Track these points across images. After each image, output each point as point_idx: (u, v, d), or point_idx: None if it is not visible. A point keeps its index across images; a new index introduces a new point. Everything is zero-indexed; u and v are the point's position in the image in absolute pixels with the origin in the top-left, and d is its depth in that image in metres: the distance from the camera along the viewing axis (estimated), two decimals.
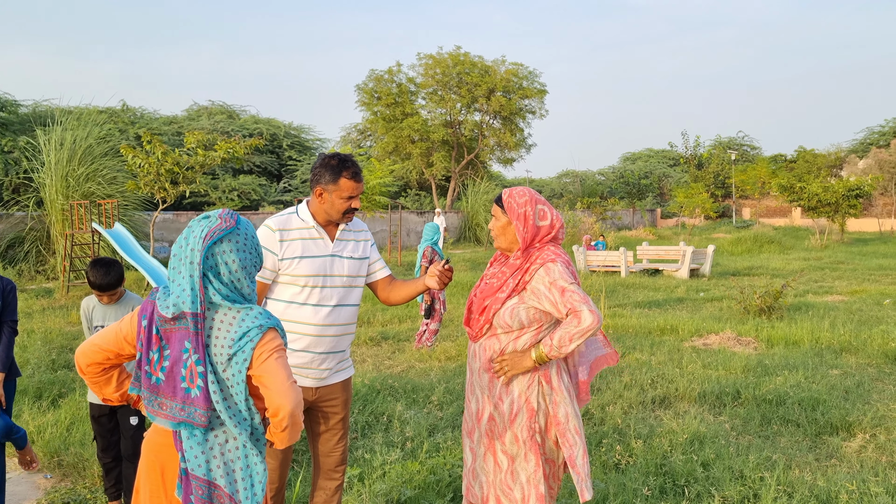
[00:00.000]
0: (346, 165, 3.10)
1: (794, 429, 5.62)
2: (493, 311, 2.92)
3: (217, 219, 2.29)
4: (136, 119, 36.31)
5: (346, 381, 3.29)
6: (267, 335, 2.21)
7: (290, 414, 2.14)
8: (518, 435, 2.89)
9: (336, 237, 3.20)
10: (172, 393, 2.22)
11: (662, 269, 18.50)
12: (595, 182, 55.39)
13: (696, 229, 38.24)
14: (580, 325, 2.76)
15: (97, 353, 2.33)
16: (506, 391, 2.92)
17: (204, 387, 2.17)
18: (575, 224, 28.49)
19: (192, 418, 2.18)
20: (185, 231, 2.29)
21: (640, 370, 7.24)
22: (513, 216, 2.96)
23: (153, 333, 2.24)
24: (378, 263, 3.37)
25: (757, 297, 11.14)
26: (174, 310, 2.19)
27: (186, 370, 2.19)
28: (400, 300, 3.32)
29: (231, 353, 2.17)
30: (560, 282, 2.82)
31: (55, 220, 17.38)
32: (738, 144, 57.52)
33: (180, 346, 2.20)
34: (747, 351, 8.52)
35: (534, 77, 35.55)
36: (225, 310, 2.21)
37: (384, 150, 36.20)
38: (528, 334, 2.92)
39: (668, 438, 5.13)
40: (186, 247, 2.25)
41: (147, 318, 2.26)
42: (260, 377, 2.18)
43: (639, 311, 12.07)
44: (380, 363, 8.07)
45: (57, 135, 17.98)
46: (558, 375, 2.96)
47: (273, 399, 2.14)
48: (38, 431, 5.21)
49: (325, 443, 3.25)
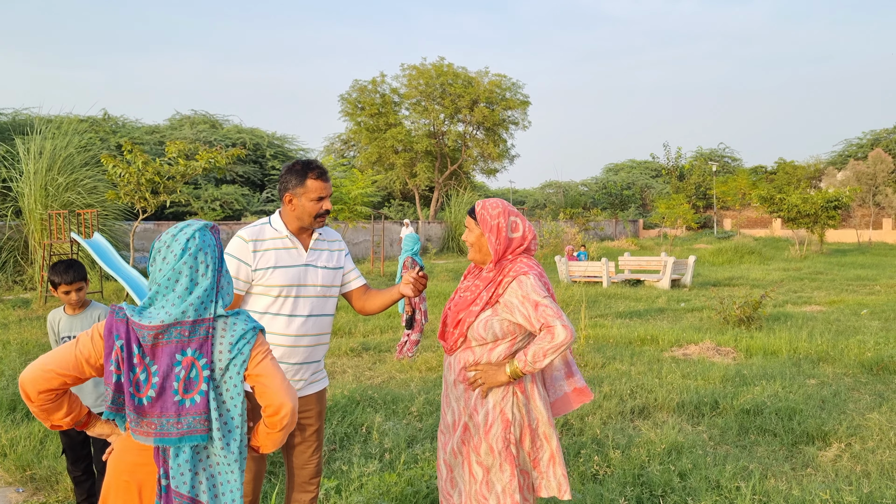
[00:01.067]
0: (310, 167, 3.11)
1: (772, 438, 5.66)
2: (468, 325, 2.92)
3: (216, 228, 2.36)
4: (118, 128, 36.08)
5: (321, 393, 3.28)
6: (260, 337, 2.29)
7: (291, 411, 2.21)
8: (493, 446, 2.89)
9: (310, 247, 3.19)
10: (161, 410, 2.16)
11: (644, 280, 18.60)
12: (578, 193, 55.65)
13: (678, 240, 38.50)
14: (553, 340, 2.77)
15: (52, 380, 2.15)
16: (481, 402, 2.92)
17: (206, 391, 2.17)
18: (557, 234, 28.59)
19: (193, 427, 2.16)
20: (197, 242, 2.25)
21: (619, 380, 7.27)
22: (485, 228, 2.97)
23: (134, 353, 2.17)
24: (353, 273, 3.37)
25: (736, 308, 11.22)
26: (183, 316, 2.17)
27: (179, 382, 2.16)
28: (375, 309, 3.31)
29: (231, 356, 2.21)
30: (533, 295, 2.83)
31: (34, 229, 17.21)
32: (720, 156, 58.06)
33: (170, 359, 2.17)
34: (726, 361, 8.58)
35: (517, 88, 35.76)
36: (223, 318, 2.26)
37: (367, 160, 36.20)
38: (503, 346, 2.93)
39: (646, 449, 5.15)
40: (206, 256, 2.25)
41: (122, 338, 2.17)
42: (258, 377, 2.23)
43: (620, 321, 12.11)
44: (360, 374, 8.04)
45: (36, 144, 17.83)
46: (533, 385, 2.97)
47: (274, 397, 2.20)
48: (11, 444, 5.15)
49: (299, 455, 3.23)
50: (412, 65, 35.87)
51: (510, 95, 35.40)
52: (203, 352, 2.18)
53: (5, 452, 5.04)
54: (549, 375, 3.17)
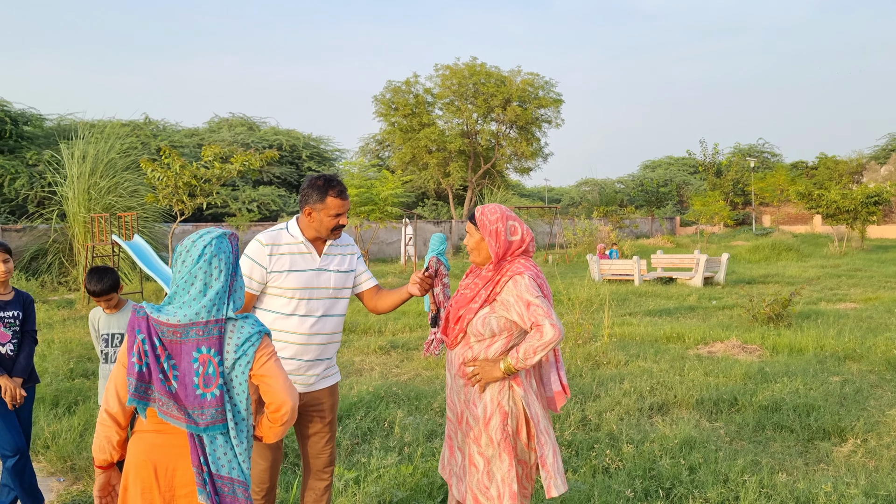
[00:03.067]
0: (331, 185, 3.30)
1: (788, 434, 5.72)
2: (467, 321, 3.10)
3: (235, 236, 2.57)
4: (159, 132, 36.87)
5: (333, 387, 3.49)
6: (265, 340, 2.49)
7: (291, 409, 2.43)
8: (493, 437, 3.06)
9: (323, 252, 3.39)
10: (189, 399, 2.40)
11: (676, 278, 18.54)
12: (614, 190, 55.33)
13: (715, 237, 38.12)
14: (542, 338, 2.94)
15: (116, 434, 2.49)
16: (479, 396, 3.10)
17: (224, 385, 2.41)
18: (591, 233, 28.54)
19: (215, 419, 2.40)
20: (213, 248, 2.47)
21: (640, 377, 7.36)
22: (485, 232, 3.14)
23: (156, 345, 2.41)
24: (364, 275, 3.57)
25: (765, 305, 11.19)
26: (197, 317, 2.40)
27: (200, 377, 2.40)
28: (386, 308, 3.51)
29: (236, 357, 2.42)
30: (526, 295, 3.00)
31: (77, 232, 17.79)
32: (759, 151, 57.22)
33: (189, 357, 2.40)
34: (751, 358, 8.60)
35: (549, 87, 35.75)
36: (233, 321, 2.47)
37: (402, 160, 36.51)
38: (500, 342, 3.10)
39: (659, 443, 5.26)
40: (220, 262, 2.47)
41: (144, 332, 2.42)
42: (263, 377, 2.44)
43: (648, 319, 12.16)
44: (387, 371, 8.25)
45: (79, 148, 18.42)
46: (527, 380, 3.13)
47: (276, 396, 2.42)
48: (53, 437, 5.45)
49: (313, 445, 3.44)
50: (445, 65, 36.12)
51: (543, 94, 35.41)
52: (218, 349, 2.41)
53: (48, 444, 5.34)
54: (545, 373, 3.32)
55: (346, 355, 9.20)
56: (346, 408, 6.21)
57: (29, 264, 18.10)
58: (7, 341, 4.05)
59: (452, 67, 35.65)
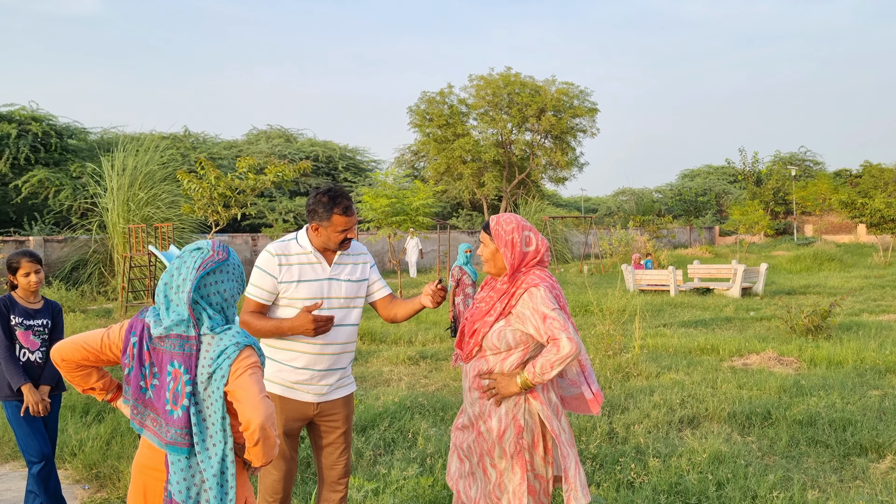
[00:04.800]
0: (336, 202, 3.27)
1: (823, 450, 5.55)
2: (482, 334, 3.05)
3: (209, 251, 2.46)
4: (199, 144, 37.47)
5: (348, 397, 3.46)
6: (243, 352, 2.34)
7: (259, 427, 2.23)
8: (506, 449, 3.01)
9: (334, 262, 3.38)
10: (161, 412, 2.35)
11: (713, 288, 18.22)
12: (652, 200, 54.74)
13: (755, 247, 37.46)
14: (559, 352, 2.87)
15: (76, 351, 2.45)
16: (493, 409, 3.05)
17: (188, 406, 2.30)
18: (627, 243, 28.24)
19: (176, 439, 2.31)
20: (177, 261, 2.44)
21: (671, 390, 7.22)
22: (500, 243, 3.09)
23: (144, 350, 2.39)
24: (378, 284, 3.54)
25: (804, 317, 10.93)
26: (165, 331, 2.35)
27: (170, 392, 2.33)
28: (401, 318, 3.49)
29: (210, 371, 2.31)
30: (542, 308, 2.94)
31: (117, 242, 18.13)
32: (800, 160, 56.16)
33: (165, 368, 2.35)
34: (787, 371, 8.39)
35: (585, 96, 35.53)
36: (209, 336, 2.36)
37: (436, 170, 36.57)
38: (516, 355, 3.04)
39: (687, 458, 5.14)
40: (178, 276, 2.41)
41: (137, 336, 2.41)
42: (234, 392, 2.29)
43: (682, 330, 11.96)
44: (415, 382, 8.22)
45: (119, 161, 18.79)
46: (545, 393, 3.07)
47: (245, 412, 2.25)
48: (80, 445, 5.52)
49: (327, 456, 3.41)
50: (480, 75, 36.13)
51: (578, 103, 35.21)
52: (188, 367, 2.32)
53: (74, 452, 5.41)
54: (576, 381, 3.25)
55: (374, 365, 9.20)
56: (371, 418, 6.19)
57: (70, 274, 18.48)
58: (36, 349, 4.12)
59: (487, 78, 35.66)
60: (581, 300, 14.44)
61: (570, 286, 19.61)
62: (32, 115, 26.27)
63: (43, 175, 23.57)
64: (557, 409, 3.10)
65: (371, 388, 7.84)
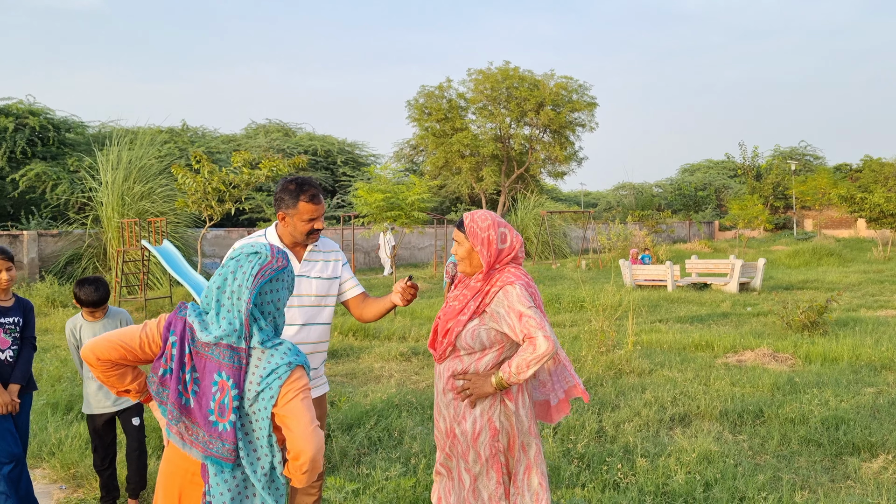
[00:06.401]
0: (303, 189, 3.20)
1: (815, 449, 5.47)
2: (455, 333, 2.96)
3: (268, 256, 2.29)
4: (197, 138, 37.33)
5: (320, 398, 3.38)
6: (295, 373, 2.21)
7: (311, 459, 2.13)
8: (481, 453, 2.92)
9: (304, 258, 3.29)
10: (203, 422, 2.21)
11: (711, 284, 18.12)
12: (651, 194, 54.58)
13: (754, 241, 37.35)
14: (535, 351, 2.78)
15: (113, 350, 2.30)
16: (468, 411, 2.96)
17: (235, 422, 2.18)
18: (625, 237, 28.13)
19: (221, 454, 2.18)
20: (232, 264, 2.27)
21: (663, 387, 7.13)
22: (475, 241, 2.99)
23: (185, 352, 2.25)
24: (350, 282, 3.45)
25: (800, 312, 10.83)
26: (215, 340, 2.20)
27: (215, 403, 2.19)
28: (371, 317, 3.40)
29: (259, 389, 2.18)
30: (517, 306, 2.85)
31: (111, 237, 18.03)
32: (800, 154, 55.95)
33: (210, 377, 2.21)
34: (781, 368, 8.31)
35: (584, 90, 35.37)
36: (259, 351, 2.23)
37: (434, 165, 36.44)
38: (490, 355, 2.95)
39: (675, 457, 5.06)
40: (234, 282, 2.24)
41: (177, 335, 2.26)
42: (284, 417, 2.17)
43: (678, 326, 11.88)
44: (406, 378, 8.14)
45: (114, 154, 18.68)
46: (520, 395, 2.98)
47: (296, 443, 2.14)
48: (59, 444, 5.44)
49: None
50: (478, 69, 35.94)
51: (577, 97, 35.05)
52: (236, 381, 2.19)
53: (53, 451, 5.33)
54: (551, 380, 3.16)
55: (365, 361, 9.12)
56: (357, 416, 6.10)
57: (64, 269, 18.38)
58: (7, 347, 4.04)
59: (485, 72, 35.48)
60: (576, 295, 14.35)
61: (567, 281, 19.51)
62: (30, 109, 26.14)
63: (40, 169, 23.45)
64: (530, 412, 3.01)
65: (360, 385, 7.76)
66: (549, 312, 13.95)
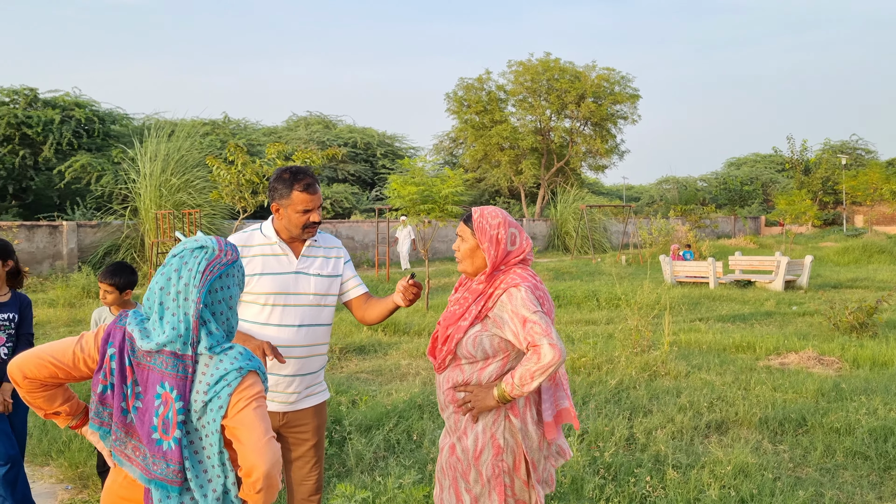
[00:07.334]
0: (298, 178, 2.99)
1: (861, 462, 5.11)
2: (456, 341, 2.70)
3: (216, 249, 2.08)
4: (239, 130, 37.62)
5: (319, 406, 3.15)
6: (246, 380, 2.00)
7: (265, 475, 1.91)
8: (482, 472, 2.66)
9: (301, 253, 3.08)
10: (144, 440, 2.01)
11: (755, 281, 17.55)
12: (696, 188, 53.51)
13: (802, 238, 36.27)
14: (540, 361, 2.51)
15: (43, 368, 2.05)
16: (470, 426, 2.70)
17: (180, 439, 1.96)
18: (667, 233, 27.52)
19: (166, 475, 1.97)
20: (175, 261, 2.06)
21: (700, 391, 6.79)
22: (483, 238, 2.73)
23: (125, 365, 2.03)
24: (352, 281, 3.22)
25: (848, 313, 10.34)
26: (157, 347, 1.99)
27: (159, 419, 1.98)
28: (373, 319, 3.16)
29: (206, 399, 1.97)
30: (522, 310, 2.58)
31: (148, 228, 18.16)
32: (851, 148, 54.28)
33: (153, 390, 2.00)
34: (827, 372, 7.89)
35: (626, 82, 34.73)
36: (207, 357, 2.02)
37: (473, 157, 36.16)
38: (494, 365, 2.69)
39: (709, 469, 4.74)
40: (179, 281, 2.02)
41: (116, 347, 2.05)
42: (234, 429, 1.95)
43: (719, 325, 11.45)
44: (432, 377, 7.91)
45: (152, 146, 18.80)
46: (527, 409, 2.71)
47: (247, 457, 1.92)
48: (67, 443, 5.33)
49: (297, 471, 3.11)
50: (519, 61, 35.54)
51: (619, 89, 34.42)
52: (180, 392, 1.97)
53: (62, 450, 5.22)
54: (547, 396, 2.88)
55: (393, 358, 8.92)
56: (377, 417, 5.89)
57: (102, 260, 18.56)
58: (2, 344, 3.91)
59: (525, 63, 35.06)
60: (614, 292, 13.97)
61: (605, 277, 19.11)
62: (76, 101, 26.59)
63: (85, 160, 23.82)
64: (537, 426, 2.73)
65: (385, 383, 7.56)
66: (586, 309, 13.61)
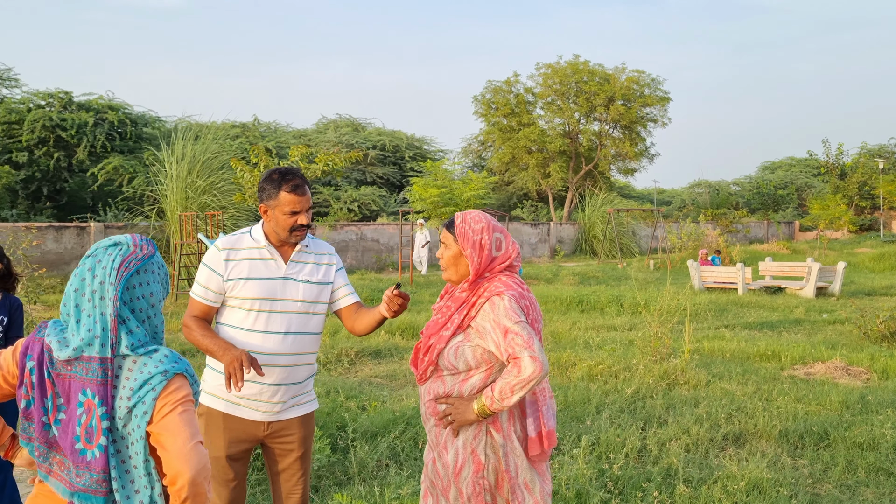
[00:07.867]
0: (286, 179, 2.91)
1: (884, 479, 4.90)
2: (437, 351, 2.59)
3: (131, 246, 2.03)
4: (268, 133, 37.88)
5: (307, 417, 3.06)
6: (172, 383, 1.92)
7: (189, 482, 1.82)
8: (462, 490, 2.54)
9: (291, 259, 2.99)
10: (68, 451, 1.93)
11: (785, 288, 17.16)
12: (728, 192, 52.70)
13: (836, 243, 35.51)
14: (520, 374, 2.39)
15: None
16: (451, 441, 2.58)
17: (105, 446, 1.88)
18: (697, 237, 27.09)
19: (90, 486, 1.89)
20: (89, 261, 2.00)
21: (719, 402, 6.59)
22: (466, 244, 2.62)
23: (45, 378, 1.96)
24: (343, 290, 3.12)
25: (879, 321, 10.03)
26: (75, 353, 1.92)
27: (82, 427, 1.90)
28: (362, 330, 3.06)
29: (131, 405, 1.89)
30: (504, 320, 2.46)
31: (174, 230, 18.31)
32: (890, 152, 53.05)
33: (76, 399, 1.92)
34: (854, 383, 7.63)
35: (656, 84, 34.31)
36: (130, 359, 1.94)
37: (501, 160, 35.99)
38: (477, 377, 2.57)
39: (721, 485, 4.57)
40: (94, 280, 1.96)
41: (35, 360, 1.97)
42: (159, 435, 1.87)
43: (745, 332, 11.18)
44: None
45: (179, 148, 18.97)
46: (510, 424, 2.58)
47: (171, 463, 1.84)
48: None
49: (283, 483, 3.02)
50: (547, 63, 35.31)
51: (649, 92, 34.02)
52: (102, 398, 1.89)
53: None
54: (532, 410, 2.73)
55: (408, 362, 8.81)
56: (384, 423, 5.79)
57: None
58: None
59: (554, 66, 34.81)
60: (637, 298, 13.74)
61: (632, 282, 18.83)
62: (109, 104, 26.99)
63: (118, 162, 24.16)
64: (521, 442, 2.60)
65: (398, 388, 7.47)
66: (609, 315, 13.40)
